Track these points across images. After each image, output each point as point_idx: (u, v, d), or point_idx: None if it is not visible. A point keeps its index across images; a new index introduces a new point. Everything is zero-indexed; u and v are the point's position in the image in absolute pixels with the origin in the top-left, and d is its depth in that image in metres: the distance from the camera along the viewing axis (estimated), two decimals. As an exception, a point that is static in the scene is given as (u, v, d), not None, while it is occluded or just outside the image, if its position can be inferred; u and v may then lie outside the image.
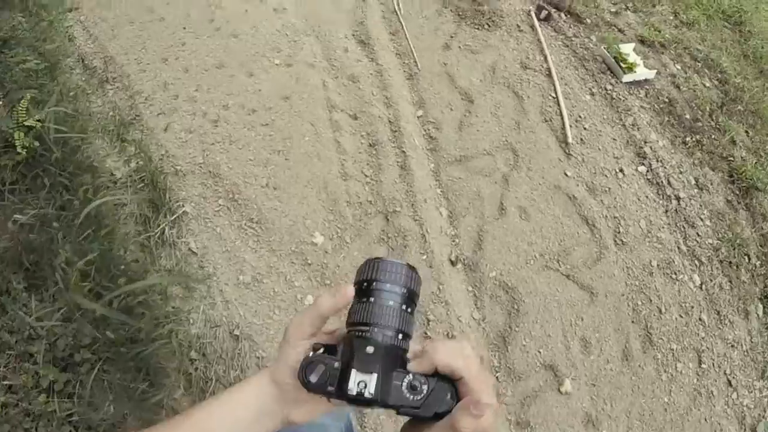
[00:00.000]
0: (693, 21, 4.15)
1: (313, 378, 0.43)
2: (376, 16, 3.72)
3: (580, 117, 3.13)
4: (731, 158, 3.14)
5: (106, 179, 2.32)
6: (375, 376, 0.42)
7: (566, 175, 2.84)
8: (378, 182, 2.72)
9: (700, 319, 2.48)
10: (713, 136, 3.24)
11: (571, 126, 3.05)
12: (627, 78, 3.36)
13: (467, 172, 2.83)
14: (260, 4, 3.70)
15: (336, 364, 0.44)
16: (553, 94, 3.24)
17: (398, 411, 0.44)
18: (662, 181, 2.93)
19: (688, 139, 3.18)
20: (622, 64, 3.35)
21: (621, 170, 2.91)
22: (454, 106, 3.14)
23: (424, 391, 0.43)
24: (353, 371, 0.42)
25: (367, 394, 0.41)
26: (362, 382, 0.42)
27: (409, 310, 0.46)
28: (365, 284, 0.47)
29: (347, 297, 0.47)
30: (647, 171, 2.96)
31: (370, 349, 0.43)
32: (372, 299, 0.45)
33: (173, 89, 2.97)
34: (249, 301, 2.19)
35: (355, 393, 0.41)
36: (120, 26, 3.37)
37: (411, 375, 0.43)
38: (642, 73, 3.39)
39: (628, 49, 3.51)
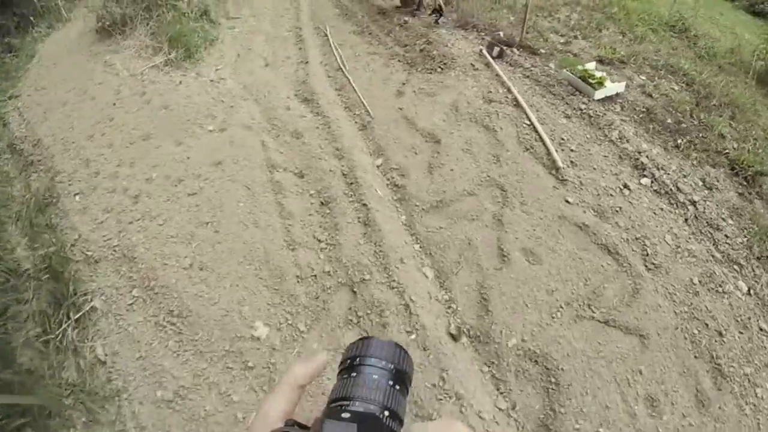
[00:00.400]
0: (642, 36, 4.21)
1: None
2: (320, 75, 3.46)
3: (563, 140, 2.79)
4: (726, 151, 2.93)
5: (4, 269, 2.00)
6: None
7: (567, 202, 2.40)
8: (336, 246, 2.20)
9: (760, 329, 2.10)
10: (701, 134, 3.02)
11: (556, 150, 2.67)
12: (599, 94, 3.12)
13: (448, 218, 2.35)
14: (197, 77, 3.49)
15: None
16: (527, 122, 2.92)
17: None
18: (671, 189, 2.57)
19: (679, 141, 2.92)
20: (591, 81, 3.14)
21: (625, 185, 2.51)
22: (419, 149, 2.74)
23: None
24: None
25: None
26: None
27: (397, 387, 0.40)
28: (349, 362, 0.42)
29: (321, 361, 0.44)
30: (652, 182, 2.60)
31: (345, 415, 0.36)
32: (354, 374, 0.40)
33: (95, 166, 2.72)
34: (172, 426, 1.65)
35: None
36: (52, 109, 3.33)
37: None
38: (612, 87, 3.18)
39: (591, 66, 3.34)
